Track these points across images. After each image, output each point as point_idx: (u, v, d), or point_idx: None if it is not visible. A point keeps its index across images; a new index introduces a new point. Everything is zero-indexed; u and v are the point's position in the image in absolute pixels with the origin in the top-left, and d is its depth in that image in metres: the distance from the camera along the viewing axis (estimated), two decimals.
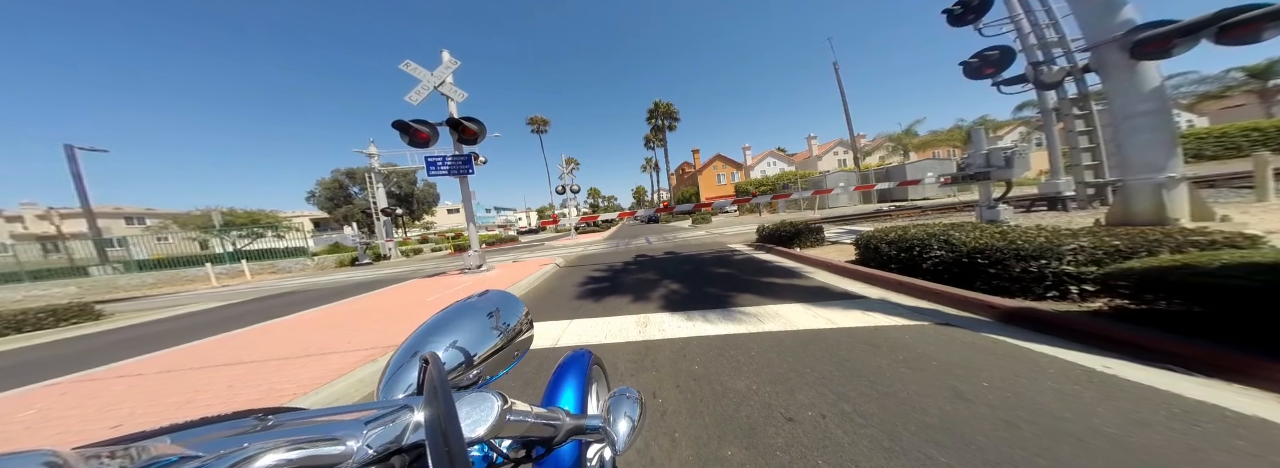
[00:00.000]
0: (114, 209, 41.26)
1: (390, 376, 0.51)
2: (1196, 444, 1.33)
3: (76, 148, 20.73)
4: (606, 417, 0.59)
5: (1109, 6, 4.79)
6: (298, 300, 7.96)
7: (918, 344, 2.39)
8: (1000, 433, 1.47)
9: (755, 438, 1.60)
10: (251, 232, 24.37)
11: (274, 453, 0.31)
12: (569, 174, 27.47)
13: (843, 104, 29.65)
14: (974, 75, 7.99)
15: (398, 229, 32.19)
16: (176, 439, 0.32)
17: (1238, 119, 24.71)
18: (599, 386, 1.14)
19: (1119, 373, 1.83)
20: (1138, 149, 4.68)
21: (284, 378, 2.75)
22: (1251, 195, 6.84)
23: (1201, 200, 4.69)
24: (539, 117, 51.19)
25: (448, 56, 8.34)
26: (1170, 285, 2.11)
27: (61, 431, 2.31)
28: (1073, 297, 2.74)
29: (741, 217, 24.68)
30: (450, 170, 8.22)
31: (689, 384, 2.17)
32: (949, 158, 30.68)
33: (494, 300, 0.64)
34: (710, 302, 4.02)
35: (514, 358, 0.61)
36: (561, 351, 3.01)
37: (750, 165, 51.75)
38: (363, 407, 0.40)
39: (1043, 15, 7.88)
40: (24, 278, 17.81)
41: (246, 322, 5.43)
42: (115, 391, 2.91)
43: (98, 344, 5.55)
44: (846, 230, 8.92)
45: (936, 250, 3.59)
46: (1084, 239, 2.92)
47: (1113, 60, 4.74)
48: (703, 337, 2.96)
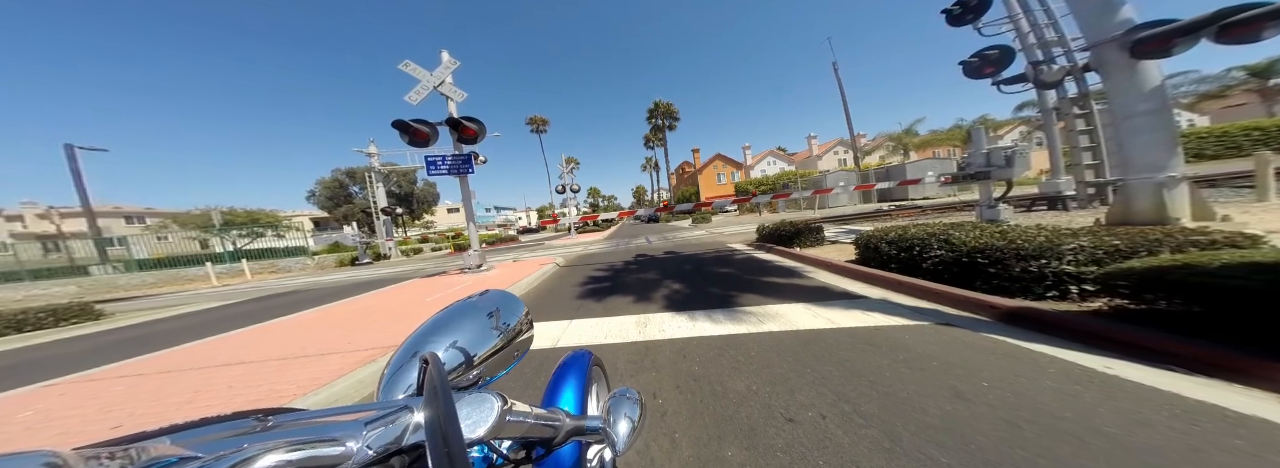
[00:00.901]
0: (114, 208, 41.26)
1: (390, 376, 0.51)
2: (1197, 444, 1.33)
3: (76, 147, 20.75)
4: (606, 418, 0.59)
5: (1108, 6, 4.78)
6: (298, 300, 7.96)
7: (918, 344, 2.39)
8: (1001, 433, 1.47)
9: (755, 439, 1.60)
10: (251, 231, 24.39)
11: (274, 454, 0.31)
12: (569, 174, 27.47)
13: (843, 104, 29.66)
14: (974, 75, 7.98)
15: (398, 229, 32.20)
16: (176, 440, 0.32)
17: (1238, 118, 24.71)
18: (599, 386, 1.14)
19: (1119, 373, 1.83)
20: (1138, 148, 4.67)
21: (284, 378, 2.75)
22: (1252, 195, 6.84)
23: (1202, 200, 4.69)
24: (539, 116, 51.22)
25: (447, 57, 8.33)
26: (1170, 285, 2.11)
27: (61, 431, 2.31)
28: (1073, 297, 2.74)
29: (741, 216, 24.67)
30: (450, 170, 8.22)
31: (689, 385, 2.17)
32: (949, 157, 30.66)
33: (494, 300, 0.64)
34: (710, 302, 4.02)
35: (514, 358, 0.61)
36: (561, 351, 3.01)
37: (750, 165, 51.74)
38: (363, 407, 0.40)
39: (1042, 15, 7.88)
40: (24, 277, 17.83)
41: (246, 321, 5.43)
42: (115, 391, 2.91)
43: (98, 344, 5.55)
44: (846, 230, 8.91)
45: (936, 250, 3.59)
46: (1084, 239, 2.92)
47: (1112, 60, 4.74)
48: (703, 337, 2.96)
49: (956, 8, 8.07)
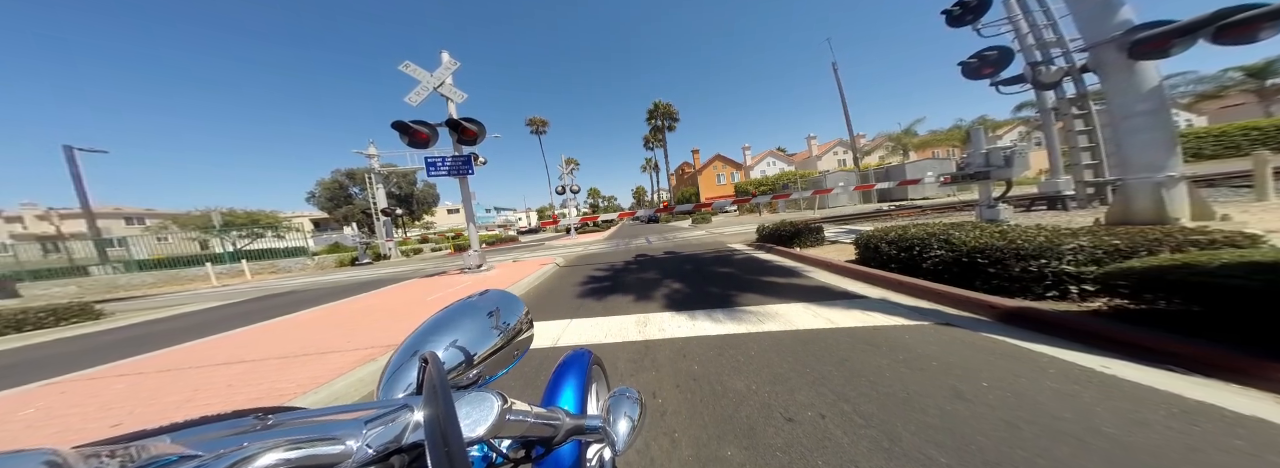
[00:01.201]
0: (114, 209, 41.26)
1: (390, 375, 0.51)
2: (1196, 444, 1.33)
3: (76, 149, 20.74)
4: (606, 417, 0.59)
5: (1107, 7, 4.79)
6: (298, 300, 7.95)
7: (918, 344, 2.39)
8: (1000, 433, 1.47)
9: (755, 438, 1.60)
10: (251, 232, 24.39)
11: (273, 453, 0.31)
12: (569, 174, 27.49)
13: (842, 104, 29.69)
14: (973, 75, 8.00)
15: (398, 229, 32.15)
16: (176, 439, 0.32)
17: (1236, 118, 24.75)
18: (599, 385, 1.14)
19: (1119, 373, 1.83)
20: (1137, 148, 4.68)
21: (284, 377, 2.75)
22: (1251, 194, 6.84)
23: (1201, 199, 4.69)
24: (538, 117, 51.15)
25: (447, 58, 8.34)
26: (1170, 285, 2.11)
27: (62, 429, 2.31)
28: (1072, 296, 2.74)
29: (741, 216, 24.67)
30: (450, 171, 8.22)
31: (689, 384, 2.17)
32: (948, 157, 30.71)
33: (494, 300, 0.64)
34: (710, 301, 4.02)
35: (514, 358, 0.61)
36: (561, 350, 3.00)
37: (750, 165, 51.74)
38: (362, 406, 0.40)
39: (1041, 16, 7.89)
40: (24, 278, 17.80)
41: (246, 321, 5.43)
42: (115, 390, 2.91)
43: (98, 343, 5.55)
44: (846, 230, 8.92)
45: (936, 250, 3.59)
46: (1084, 239, 2.92)
47: (1111, 60, 4.75)
48: (702, 336, 2.96)
49: (956, 9, 8.08)
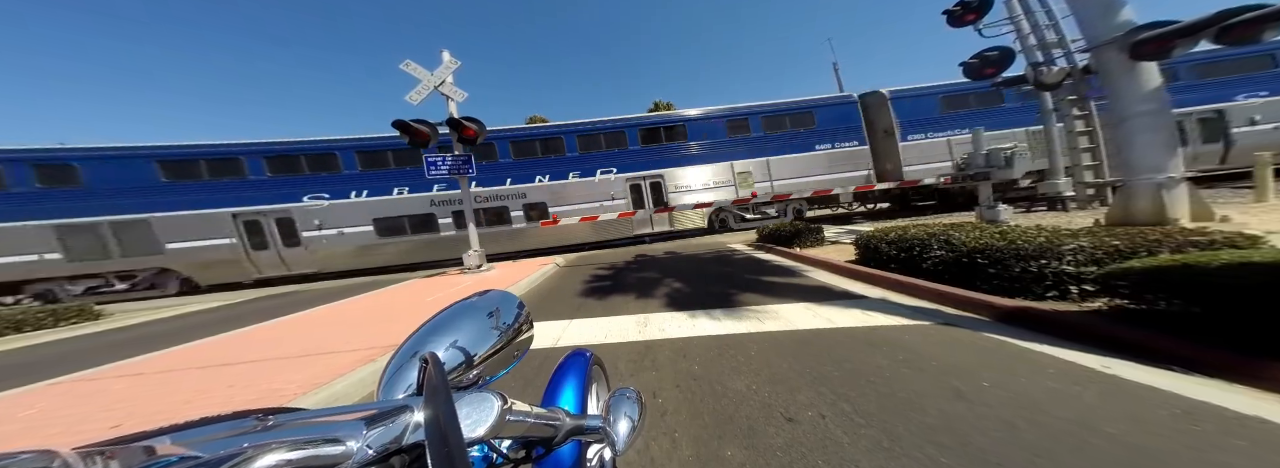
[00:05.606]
0: None
1: (390, 376, 0.51)
2: (1196, 444, 1.33)
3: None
4: (606, 417, 0.59)
5: (1108, 7, 4.79)
6: (298, 300, 7.95)
7: (918, 344, 2.39)
8: (1000, 433, 1.47)
9: (755, 438, 1.60)
10: None
11: (274, 453, 0.31)
12: None
13: None
14: (974, 76, 7.98)
15: None
16: (176, 439, 0.32)
17: None
18: (599, 386, 1.14)
19: (1119, 373, 1.83)
20: (1137, 149, 4.68)
21: (284, 378, 2.75)
22: (1251, 195, 6.84)
23: (1201, 200, 4.69)
24: (539, 117, 51.04)
25: (448, 56, 8.34)
26: (1170, 285, 2.11)
27: (62, 430, 2.31)
28: (1073, 297, 2.74)
29: None
30: (450, 170, 8.22)
31: (689, 384, 2.17)
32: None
33: (494, 300, 0.64)
34: (710, 301, 4.02)
35: (514, 358, 0.61)
36: (561, 350, 3.00)
37: None
38: (362, 407, 0.40)
39: (1043, 16, 7.88)
40: None
41: (246, 322, 5.42)
42: (115, 390, 2.91)
43: (97, 344, 5.55)
44: (846, 230, 8.92)
45: (936, 250, 3.59)
46: (1084, 239, 2.92)
47: (1112, 61, 4.74)
48: (703, 337, 2.96)
49: (958, 8, 8.06)
